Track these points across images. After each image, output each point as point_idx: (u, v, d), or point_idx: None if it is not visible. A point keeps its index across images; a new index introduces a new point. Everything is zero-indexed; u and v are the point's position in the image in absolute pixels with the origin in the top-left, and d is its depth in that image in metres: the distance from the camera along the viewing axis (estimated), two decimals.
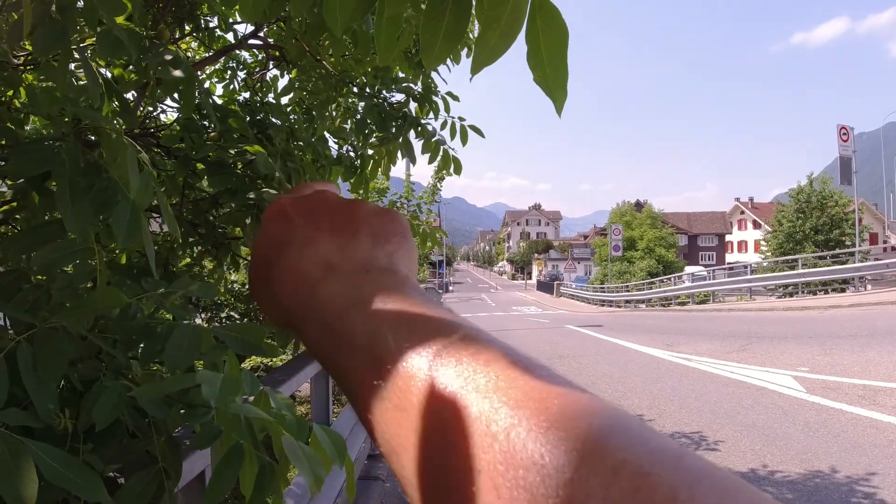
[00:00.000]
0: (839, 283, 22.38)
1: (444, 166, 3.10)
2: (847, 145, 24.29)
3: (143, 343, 1.31)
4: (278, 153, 2.67)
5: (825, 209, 32.89)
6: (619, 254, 43.27)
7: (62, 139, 1.27)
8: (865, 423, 6.20)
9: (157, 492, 1.21)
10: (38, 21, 1.27)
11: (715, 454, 5.74)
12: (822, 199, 33.17)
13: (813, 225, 32.73)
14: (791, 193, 35.16)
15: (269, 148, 2.68)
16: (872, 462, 5.18)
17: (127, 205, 1.22)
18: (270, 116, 3.07)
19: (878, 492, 4.59)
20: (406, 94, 3.08)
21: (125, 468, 1.25)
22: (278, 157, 2.64)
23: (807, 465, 5.28)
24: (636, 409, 7.63)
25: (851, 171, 24.27)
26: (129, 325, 1.33)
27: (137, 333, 1.32)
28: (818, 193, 33.41)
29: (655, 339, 13.98)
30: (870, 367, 8.51)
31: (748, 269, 26.50)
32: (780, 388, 7.98)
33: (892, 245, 31.14)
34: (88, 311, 1.20)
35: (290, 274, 0.42)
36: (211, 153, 2.70)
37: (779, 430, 6.31)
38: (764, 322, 15.37)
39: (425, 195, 10.80)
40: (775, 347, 11.09)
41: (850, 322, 13.41)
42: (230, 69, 4.19)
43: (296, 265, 0.42)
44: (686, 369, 10.06)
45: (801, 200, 33.86)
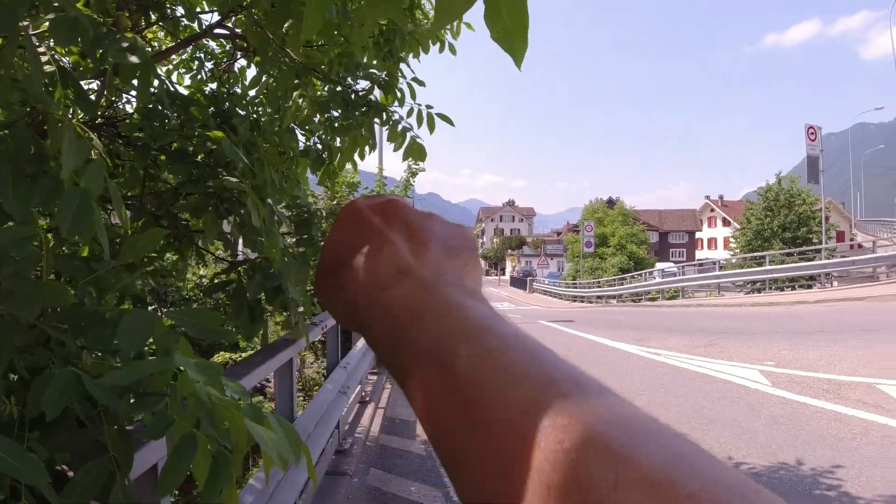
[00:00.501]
0: (806, 279, 22.74)
1: (411, 154, 3.08)
2: (815, 145, 24.69)
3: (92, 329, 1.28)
4: (241, 143, 2.62)
5: (793, 207, 33.39)
6: (591, 250, 43.54)
7: (11, 126, 1.24)
8: (830, 417, 6.29)
9: (107, 482, 1.19)
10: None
11: None
12: (789, 197, 33.67)
13: (781, 223, 33.22)
14: (760, 192, 35.65)
15: (232, 138, 2.64)
16: (836, 454, 5.25)
17: (76, 192, 1.19)
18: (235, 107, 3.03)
19: (842, 484, 4.64)
20: (371, 81, 3.05)
21: (75, 458, 1.23)
22: (240, 147, 2.60)
23: (772, 457, 5.35)
24: None
25: (818, 170, 24.69)
26: (78, 311, 1.30)
27: (86, 320, 1.29)
28: (786, 192, 33.93)
29: (626, 334, 14.08)
30: (834, 361, 8.67)
31: (717, 266, 26.87)
32: (747, 381, 8.09)
33: (859, 243, 31.69)
34: (36, 302, 1.17)
35: (364, 273, 0.43)
36: (172, 142, 2.65)
37: (744, 423, 6.38)
38: (731, 317, 15.57)
39: (397, 190, 10.76)
40: (742, 342, 11.25)
41: (815, 318, 13.64)
42: (198, 59, 4.13)
43: (371, 265, 0.43)
44: (655, 364, 10.16)
45: (769, 199, 34.35)
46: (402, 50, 3.25)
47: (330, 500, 4.46)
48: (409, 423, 7.09)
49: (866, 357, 8.65)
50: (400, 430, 6.80)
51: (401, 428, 6.91)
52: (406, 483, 5.10)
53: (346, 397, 5.16)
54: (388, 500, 4.77)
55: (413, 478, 5.24)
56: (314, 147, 3.53)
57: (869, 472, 4.80)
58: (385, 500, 4.76)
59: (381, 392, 8.48)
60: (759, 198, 35.51)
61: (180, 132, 2.65)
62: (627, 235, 50.45)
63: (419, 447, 6.15)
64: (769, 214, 33.91)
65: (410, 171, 10.72)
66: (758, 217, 34.42)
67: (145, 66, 2.10)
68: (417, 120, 3.03)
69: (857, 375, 7.72)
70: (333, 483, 4.78)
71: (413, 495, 4.82)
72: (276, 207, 2.93)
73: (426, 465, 5.55)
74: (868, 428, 5.82)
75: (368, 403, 7.39)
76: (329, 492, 4.61)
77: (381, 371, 9.65)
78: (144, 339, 1.18)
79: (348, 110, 2.95)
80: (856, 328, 11.21)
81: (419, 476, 5.28)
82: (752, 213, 35.07)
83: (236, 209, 2.53)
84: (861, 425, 5.92)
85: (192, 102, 2.86)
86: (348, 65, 3.00)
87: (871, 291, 17.33)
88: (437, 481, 5.11)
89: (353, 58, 2.93)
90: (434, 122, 3.01)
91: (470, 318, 0.36)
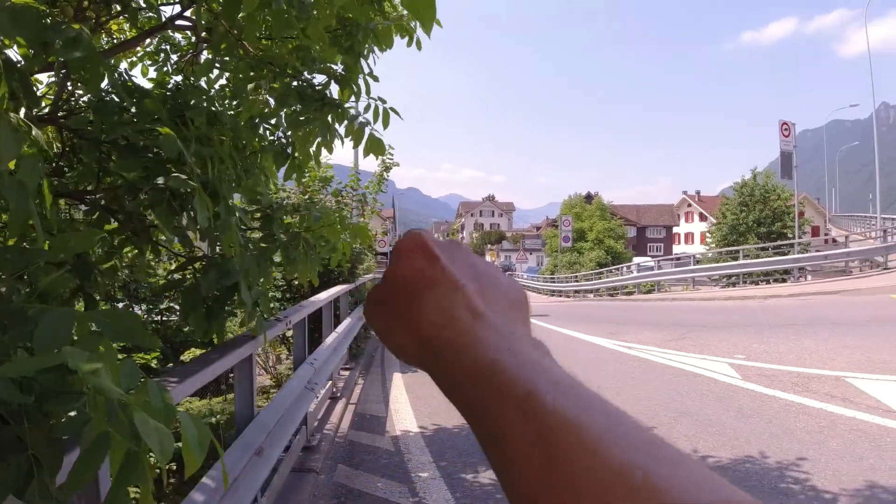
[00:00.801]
0: (781, 273, 23.00)
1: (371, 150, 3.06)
2: (788, 140, 24.94)
3: (17, 327, 1.26)
4: (192, 137, 2.58)
5: (768, 202, 33.75)
6: (568, 245, 43.69)
7: None
8: (798, 410, 6.32)
9: (25, 479, 1.17)
10: None
11: None
12: (764, 192, 34.02)
13: (756, 217, 33.56)
14: (735, 187, 35.98)
15: (184, 132, 2.60)
16: (803, 448, 5.25)
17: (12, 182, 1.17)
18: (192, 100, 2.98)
19: (808, 477, 4.64)
20: (327, 76, 3.03)
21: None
22: (192, 142, 2.55)
23: (738, 450, 5.36)
24: None
25: (792, 166, 24.92)
26: (2, 308, 1.28)
27: (10, 317, 1.27)
28: (761, 187, 34.27)
29: (600, 328, 14.13)
30: (805, 354, 8.74)
31: (692, 260, 27.10)
32: (717, 374, 8.14)
33: (833, 237, 32.08)
34: None
35: (438, 312, 0.43)
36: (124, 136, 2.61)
37: (713, 416, 6.41)
38: (705, 311, 15.71)
39: (371, 185, 10.71)
40: (714, 336, 11.33)
41: (788, 311, 13.79)
42: (163, 52, 4.08)
43: (447, 305, 0.43)
44: (627, 357, 10.20)
45: (744, 194, 34.69)
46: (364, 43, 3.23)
47: (295, 498, 4.42)
48: (379, 419, 7.08)
49: (836, 350, 8.72)
50: (370, 426, 6.77)
51: (371, 424, 6.88)
52: (373, 479, 5.07)
53: (313, 393, 5.13)
54: (354, 496, 4.74)
55: (380, 473, 5.22)
56: (278, 141, 3.50)
57: (835, 466, 4.80)
58: (350, 497, 4.73)
59: (354, 388, 8.44)
60: (734, 193, 35.84)
61: (132, 126, 2.61)
62: (605, 230, 50.77)
63: (388, 443, 6.14)
64: (744, 209, 34.25)
65: (385, 166, 10.70)
66: (733, 212, 34.75)
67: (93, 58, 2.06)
68: (374, 115, 3.03)
69: (827, 369, 7.77)
70: (299, 480, 4.75)
71: (379, 491, 4.79)
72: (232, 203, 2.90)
73: (394, 461, 5.53)
74: (835, 421, 5.84)
75: (339, 399, 7.36)
76: (294, 489, 4.57)
77: (355, 367, 9.64)
78: (62, 339, 1.16)
79: (304, 104, 2.92)
80: (827, 322, 11.33)
81: (386, 472, 5.25)
82: (728, 209, 35.41)
83: (189, 205, 2.49)
84: (829, 418, 5.94)
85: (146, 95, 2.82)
86: (304, 58, 2.98)
87: (844, 285, 17.57)
88: (404, 477, 5.10)
89: (309, 52, 2.90)
90: (389, 116, 3.02)
91: (552, 371, 0.37)
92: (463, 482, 4.97)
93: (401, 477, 5.11)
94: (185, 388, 2.62)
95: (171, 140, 2.18)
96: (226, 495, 2.83)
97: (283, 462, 4.65)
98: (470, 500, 4.62)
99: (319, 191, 8.94)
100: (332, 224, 3.55)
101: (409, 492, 4.77)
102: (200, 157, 2.51)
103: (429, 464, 5.41)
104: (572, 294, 35.85)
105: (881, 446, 5.11)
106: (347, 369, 9.30)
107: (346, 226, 3.74)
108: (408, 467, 5.33)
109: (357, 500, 4.70)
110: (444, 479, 5.02)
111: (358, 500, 4.69)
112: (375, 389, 8.75)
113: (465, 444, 5.89)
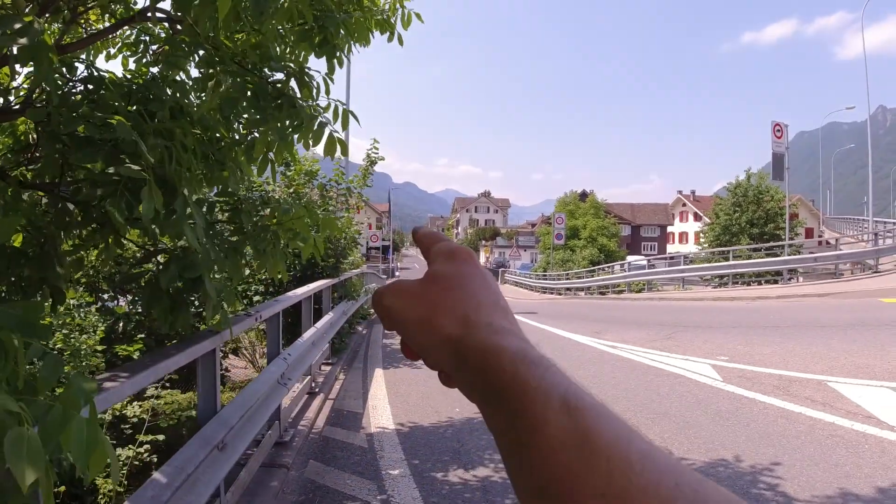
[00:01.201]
0: (772, 274, 23.03)
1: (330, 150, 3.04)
2: (780, 142, 24.98)
3: None
4: (151, 130, 2.54)
5: (761, 203, 33.80)
6: (561, 242, 43.70)
7: None
8: (776, 413, 6.29)
9: None
10: None
11: None
12: (758, 193, 34.06)
13: (749, 218, 33.61)
14: (729, 187, 36.02)
15: (144, 125, 2.56)
16: (779, 452, 5.21)
17: None
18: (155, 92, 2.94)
19: (781, 483, 4.59)
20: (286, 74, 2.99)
21: None
22: (150, 135, 2.51)
23: (713, 453, 5.32)
24: None
25: (783, 167, 24.97)
26: None
27: None
28: (755, 188, 34.31)
29: (586, 326, 14.15)
30: (788, 357, 8.72)
31: (683, 260, 27.13)
32: (698, 376, 8.12)
33: (827, 240, 32.16)
34: None
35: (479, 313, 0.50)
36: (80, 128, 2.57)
37: (690, 418, 6.39)
38: (692, 311, 15.71)
39: (356, 179, 10.65)
40: (699, 336, 11.34)
41: (775, 313, 13.79)
42: (143, 42, 4.03)
43: (489, 310, 0.51)
44: (609, 357, 10.18)
45: (738, 194, 34.74)
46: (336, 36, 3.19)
47: (262, 493, 4.40)
48: (356, 416, 7.04)
49: (820, 354, 8.69)
50: (346, 423, 6.74)
51: (347, 420, 6.84)
52: (343, 476, 5.04)
53: (285, 388, 5.09)
54: (322, 492, 4.71)
55: (351, 470, 5.18)
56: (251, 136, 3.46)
57: (809, 472, 4.74)
58: (318, 493, 4.70)
59: (333, 384, 8.41)
60: (728, 193, 35.88)
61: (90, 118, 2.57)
62: (598, 228, 50.82)
63: (362, 440, 6.10)
64: (738, 210, 34.30)
65: (370, 160, 10.65)
66: (726, 212, 34.81)
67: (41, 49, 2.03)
68: (333, 115, 3.04)
69: (810, 372, 7.73)
70: (268, 475, 4.72)
71: (347, 488, 4.76)
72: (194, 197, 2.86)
73: (366, 458, 5.49)
74: (814, 426, 5.80)
75: (318, 395, 7.33)
76: (263, 484, 4.55)
77: (336, 362, 9.60)
78: None
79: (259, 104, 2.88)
80: (813, 324, 11.34)
81: (357, 469, 5.22)
82: (721, 209, 35.47)
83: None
84: (807, 423, 5.90)
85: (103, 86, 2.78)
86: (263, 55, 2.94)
87: (833, 288, 17.57)
88: (374, 474, 5.06)
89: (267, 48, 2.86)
90: (348, 118, 3.01)
91: (566, 375, 0.43)
92: (433, 480, 4.94)
93: (371, 474, 5.08)
94: (138, 381, 2.58)
95: (125, 127, 2.15)
96: (181, 488, 2.79)
97: (252, 457, 4.62)
98: (437, 498, 4.60)
99: (305, 185, 8.88)
100: (300, 217, 3.52)
101: (377, 489, 4.74)
102: (158, 150, 2.47)
103: (400, 461, 5.38)
104: (563, 291, 35.90)
105: (858, 453, 5.06)
106: (329, 364, 9.26)
107: (315, 218, 3.70)
108: (379, 465, 5.30)
109: (325, 496, 4.66)
110: (414, 477, 4.99)
111: (326, 496, 4.66)
112: (356, 385, 8.71)
113: (439, 443, 5.88)
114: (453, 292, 0.52)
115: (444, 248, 0.57)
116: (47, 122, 2.63)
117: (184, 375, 6.31)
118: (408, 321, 0.53)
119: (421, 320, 0.52)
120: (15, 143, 3.30)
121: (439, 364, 0.51)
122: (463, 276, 0.54)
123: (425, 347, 0.52)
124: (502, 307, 0.52)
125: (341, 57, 3.36)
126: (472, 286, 0.53)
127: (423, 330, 0.51)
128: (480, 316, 0.50)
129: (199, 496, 2.99)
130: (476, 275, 0.54)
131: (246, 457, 4.58)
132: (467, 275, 0.54)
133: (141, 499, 2.48)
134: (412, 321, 0.52)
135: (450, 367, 0.50)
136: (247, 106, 2.89)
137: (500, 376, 0.43)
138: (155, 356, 2.93)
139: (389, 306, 0.54)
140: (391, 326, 0.54)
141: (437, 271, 0.55)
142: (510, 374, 0.43)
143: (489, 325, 0.48)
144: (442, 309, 0.51)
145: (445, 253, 0.57)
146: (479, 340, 0.47)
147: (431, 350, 0.51)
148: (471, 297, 0.52)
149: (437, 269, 0.55)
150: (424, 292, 0.53)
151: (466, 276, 0.54)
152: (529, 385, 0.41)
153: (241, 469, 4.33)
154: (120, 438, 4.72)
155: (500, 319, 0.50)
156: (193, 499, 2.91)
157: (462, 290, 0.52)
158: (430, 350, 0.51)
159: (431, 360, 0.52)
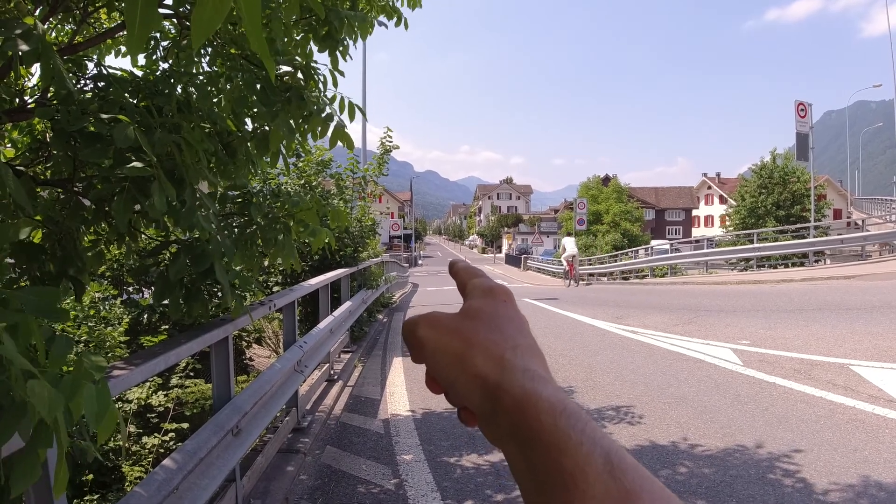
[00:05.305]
0: (798, 257, 22.71)
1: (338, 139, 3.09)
2: (804, 121, 24.53)
3: None
4: (158, 125, 2.59)
5: (787, 185, 33.33)
6: (583, 227, 43.41)
7: None
8: (797, 398, 6.20)
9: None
10: None
11: (639, 427, 5.77)
12: (784, 174, 33.59)
13: (775, 200, 33.19)
14: (754, 169, 35.55)
15: (151, 120, 2.61)
16: (797, 437, 5.14)
17: None
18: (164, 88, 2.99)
19: (798, 468, 4.53)
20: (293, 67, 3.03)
21: None
22: (157, 129, 2.57)
23: (730, 439, 5.26)
24: (571, 381, 7.67)
25: (808, 147, 24.53)
26: None
27: None
28: (780, 169, 33.83)
29: (607, 311, 14.08)
30: (811, 341, 8.58)
31: (706, 243, 26.81)
32: (718, 360, 8.07)
33: (855, 221, 31.58)
34: None
35: (518, 359, 0.49)
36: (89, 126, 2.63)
37: (708, 402, 6.35)
38: (715, 295, 15.53)
39: (370, 168, 10.67)
40: (721, 320, 11.22)
41: (799, 296, 13.58)
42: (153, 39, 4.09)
43: (529, 357, 0.49)
44: (629, 342, 10.13)
45: (763, 176, 34.29)
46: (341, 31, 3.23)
47: (278, 477, 4.49)
48: (373, 402, 7.12)
49: (843, 337, 8.55)
50: (364, 409, 6.83)
51: (365, 407, 6.94)
52: (358, 461, 5.13)
53: (302, 376, 5.17)
54: (337, 477, 4.80)
55: (367, 455, 5.27)
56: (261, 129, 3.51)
57: (827, 457, 4.67)
58: (333, 478, 4.79)
59: (352, 371, 8.50)
60: (753, 175, 35.42)
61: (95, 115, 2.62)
62: (621, 213, 50.40)
63: (379, 425, 6.19)
64: (763, 192, 33.88)
65: (384, 148, 10.68)
66: (752, 194, 34.38)
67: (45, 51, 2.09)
68: (340, 107, 3.11)
69: (832, 356, 7.61)
70: (285, 460, 4.81)
71: (362, 472, 4.84)
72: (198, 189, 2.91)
73: (381, 444, 5.57)
74: (834, 411, 5.70)
75: (336, 382, 7.42)
76: (279, 469, 4.64)
77: (356, 350, 9.68)
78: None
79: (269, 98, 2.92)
80: (837, 307, 11.15)
81: (373, 454, 5.30)
82: (747, 191, 35.04)
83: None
84: (827, 407, 5.81)
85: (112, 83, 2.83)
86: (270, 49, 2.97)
87: (859, 270, 17.26)
88: (389, 459, 5.14)
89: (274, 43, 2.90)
90: (354, 110, 3.05)
91: (604, 431, 0.42)
92: (446, 465, 5.00)
93: (386, 459, 5.16)
94: (149, 368, 2.64)
95: (122, 128, 2.20)
96: (193, 472, 2.87)
97: (269, 443, 4.71)
98: (449, 482, 4.65)
99: (317, 175, 8.90)
100: (309, 209, 3.57)
101: (391, 473, 4.81)
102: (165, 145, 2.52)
103: (415, 446, 5.45)
104: (586, 277, 35.76)
105: (878, 438, 4.97)
106: (348, 352, 9.35)
107: (323, 210, 3.75)
108: (394, 450, 5.38)
109: (340, 480, 4.75)
110: (429, 462, 5.06)
111: (341, 480, 4.75)
112: (374, 373, 8.79)
113: (454, 429, 5.93)
114: (490, 331, 0.51)
115: (482, 285, 0.57)
116: (57, 120, 2.69)
117: (207, 365, 6.43)
118: (440, 354, 0.52)
119: (454, 355, 0.50)
120: (33, 142, 3.38)
121: (465, 401, 0.50)
122: (500, 315, 0.53)
123: (453, 383, 0.51)
124: (538, 353, 0.51)
125: (345, 50, 3.40)
126: (509, 327, 0.52)
127: (455, 365, 0.50)
128: (517, 359, 0.48)
129: (213, 479, 3.06)
130: (514, 316, 0.54)
131: (263, 442, 4.67)
132: (504, 315, 0.53)
133: (152, 482, 2.56)
134: (445, 354, 0.51)
135: (477, 407, 0.49)
136: (257, 100, 2.94)
137: (537, 426, 0.43)
138: (167, 344, 3.00)
139: (423, 337, 0.53)
140: (420, 359, 0.53)
141: (474, 307, 0.54)
142: (549, 425, 0.42)
143: (525, 371, 0.47)
144: (477, 346, 0.50)
145: (484, 290, 0.56)
146: (517, 385, 0.46)
147: (460, 386, 0.50)
148: (508, 338, 0.51)
149: (475, 304, 0.54)
150: (460, 327, 0.52)
151: (503, 317, 0.53)
152: (571, 440, 0.41)
153: (258, 455, 4.41)
154: (146, 427, 4.81)
155: (537, 365, 0.48)
156: (207, 482, 2.99)
157: (500, 330, 0.51)
158: (459, 386, 0.50)
159: (458, 397, 0.51)
